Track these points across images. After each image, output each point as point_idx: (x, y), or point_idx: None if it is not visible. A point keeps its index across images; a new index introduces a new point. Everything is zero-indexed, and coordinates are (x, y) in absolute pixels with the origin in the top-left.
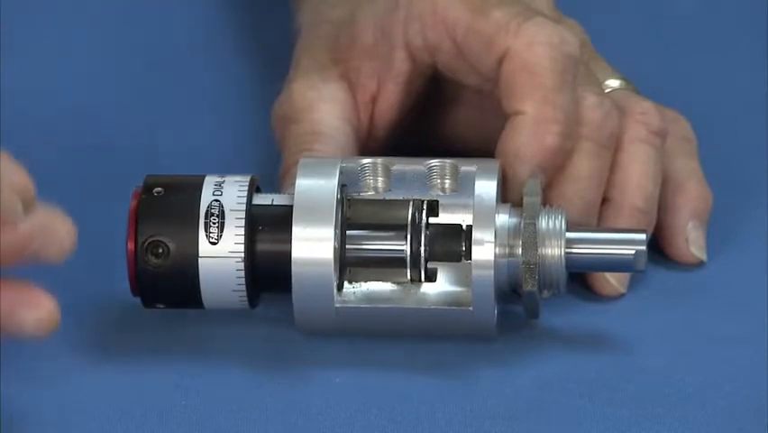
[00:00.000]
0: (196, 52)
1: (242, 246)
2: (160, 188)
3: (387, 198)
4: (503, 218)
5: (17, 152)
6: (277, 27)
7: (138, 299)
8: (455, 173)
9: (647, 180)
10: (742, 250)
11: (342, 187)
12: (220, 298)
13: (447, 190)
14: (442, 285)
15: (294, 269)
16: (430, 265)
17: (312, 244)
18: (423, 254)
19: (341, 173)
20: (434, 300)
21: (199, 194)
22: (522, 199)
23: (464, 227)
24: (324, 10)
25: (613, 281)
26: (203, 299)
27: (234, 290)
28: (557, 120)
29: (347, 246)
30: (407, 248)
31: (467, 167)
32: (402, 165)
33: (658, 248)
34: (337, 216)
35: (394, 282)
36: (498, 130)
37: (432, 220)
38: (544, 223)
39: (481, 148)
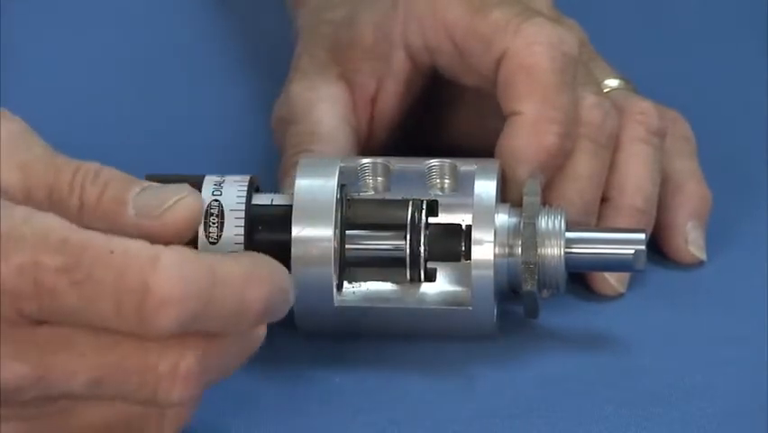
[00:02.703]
0: (195, 53)
1: (242, 246)
2: None
3: (386, 197)
4: (503, 218)
5: None
6: (277, 27)
7: None
8: (455, 173)
9: (646, 180)
10: (742, 250)
11: (342, 187)
12: None
13: (447, 190)
14: (441, 285)
15: (294, 269)
16: (429, 265)
17: (311, 244)
18: (422, 254)
19: (340, 173)
20: (434, 300)
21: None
22: (521, 199)
23: (464, 227)
24: (323, 11)
25: (612, 281)
26: None
27: None
28: (556, 120)
29: (347, 246)
30: (407, 248)
31: (467, 167)
32: (402, 165)
33: (658, 248)
34: (337, 216)
35: (393, 282)
36: (498, 130)
37: (431, 220)
38: (544, 223)
39: (481, 148)
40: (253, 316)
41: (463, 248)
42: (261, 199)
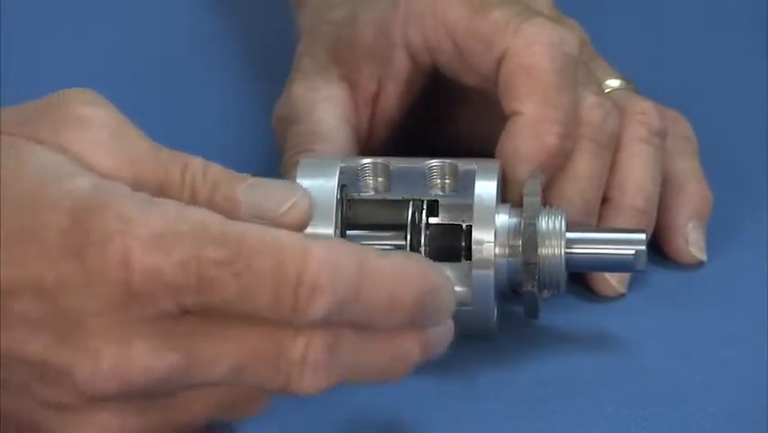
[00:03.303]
0: (196, 53)
1: None
2: None
3: (387, 198)
4: (503, 218)
5: None
6: (277, 27)
7: None
8: (455, 173)
9: (647, 180)
10: (742, 250)
11: (342, 187)
12: None
13: (447, 190)
14: None
15: None
16: None
17: None
18: (423, 254)
19: (341, 173)
20: None
21: None
22: (522, 199)
23: (464, 227)
24: (324, 11)
25: (613, 282)
26: None
27: None
28: (557, 120)
29: None
30: (407, 248)
31: (467, 167)
32: (402, 165)
33: (658, 248)
34: (337, 216)
35: None
36: (499, 130)
37: (432, 220)
38: (544, 223)
39: (482, 148)
40: (403, 311)
41: (464, 248)
42: None
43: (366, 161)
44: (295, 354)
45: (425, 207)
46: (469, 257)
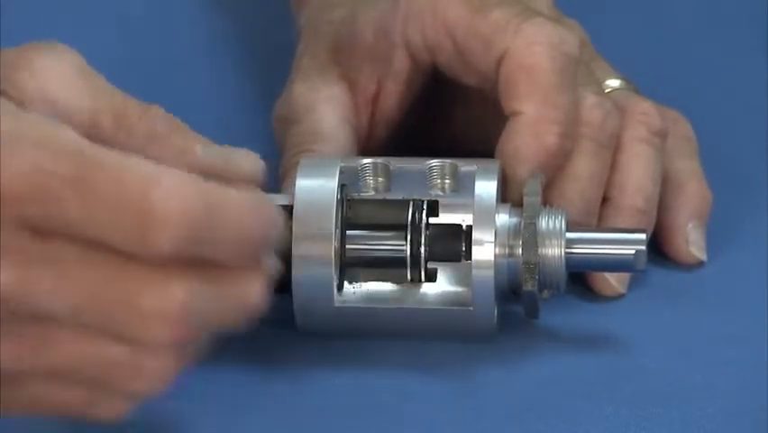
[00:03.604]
0: (196, 53)
1: None
2: None
3: (387, 197)
4: (503, 218)
5: None
6: (277, 27)
7: None
8: (455, 173)
9: (647, 180)
10: (742, 250)
11: (342, 187)
12: None
13: (447, 190)
14: (442, 285)
15: (294, 269)
16: (430, 265)
17: (312, 244)
18: (423, 254)
19: (341, 173)
20: (434, 300)
21: None
22: (522, 199)
23: (464, 227)
24: (324, 11)
25: (613, 282)
26: None
27: None
28: (557, 120)
29: (347, 246)
30: (407, 248)
31: (467, 167)
32: (402, 165)
33: (658, 248)
34: (337, 216)
35: (394, 282)
36: (499, 130)
37: (432, 220)
38: (544, 223)
39: (482, 148)
40: (253, 245)
41: (464, 248)
42: None
43: (366, 161)
44: (148, 303)
45: (425, 207)
46: (469, 257)
